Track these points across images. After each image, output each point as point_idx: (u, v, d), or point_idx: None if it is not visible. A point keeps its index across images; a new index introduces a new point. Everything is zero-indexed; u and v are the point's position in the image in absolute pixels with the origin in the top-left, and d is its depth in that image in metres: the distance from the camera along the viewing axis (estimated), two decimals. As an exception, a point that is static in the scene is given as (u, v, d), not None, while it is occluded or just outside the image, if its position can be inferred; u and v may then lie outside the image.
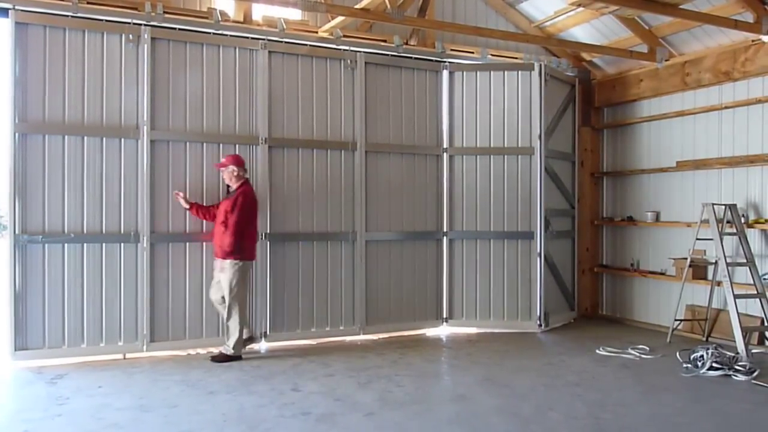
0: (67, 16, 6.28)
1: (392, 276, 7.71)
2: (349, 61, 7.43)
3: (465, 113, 8.03)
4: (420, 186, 7.86)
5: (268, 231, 7.02)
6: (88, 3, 6.36)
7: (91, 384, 5.48)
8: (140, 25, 6.50)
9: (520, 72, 8.05)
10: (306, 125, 7.26)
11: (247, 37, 7.01)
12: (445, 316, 7.97)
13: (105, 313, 6.38)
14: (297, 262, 7.19)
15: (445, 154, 7.98)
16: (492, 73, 8.06)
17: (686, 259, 7.42)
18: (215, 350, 6.56)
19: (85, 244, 6.31)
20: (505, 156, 8.10)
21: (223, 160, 6.59)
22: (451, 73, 8.01)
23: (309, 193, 7.27)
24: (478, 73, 8.06)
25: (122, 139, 6.47)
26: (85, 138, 6.34)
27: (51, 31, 6.22)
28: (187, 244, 6.69)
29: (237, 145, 6.90)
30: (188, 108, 6.74)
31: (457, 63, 8.06)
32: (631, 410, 4.92)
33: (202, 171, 6.78)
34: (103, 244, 6.38)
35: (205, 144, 6.79)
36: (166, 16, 6.62)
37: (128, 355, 6.42)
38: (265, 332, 7.01)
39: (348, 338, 7.43)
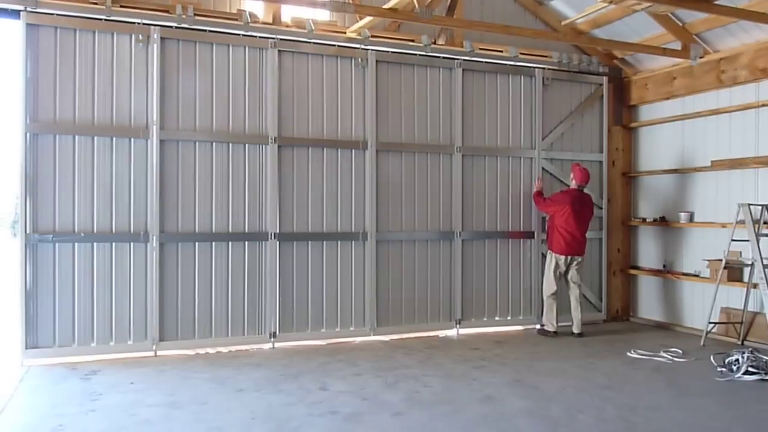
0: (77, 17, 6.32)
1: (404, 277, 7.64)
2: (360, 60, 7.40)
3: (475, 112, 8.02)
4: (433, 185, 7.79)
5: (278, 231, 7.03)
6: (121, 6, 6.44)
7: (124, 380, 5.59)
8: (150, 25, 6.53)
9: (522, 76, 8.21)
10: (316, 124, 7.25)
11: (256, 36, 6.98)
12: (458, 318, 7.82)
13: (115, 312, 6.45)
14: (306, 262, 7.19)
15: (458, 153, 7.87)
16: (498, 75, 8.12)
17: (721, 260, 7.26)
18: (224, 350, 6.69)
19: (95, 244, 6.38)
20: (510, 157, 8.14)
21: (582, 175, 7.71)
22: (464, 72, 7.91)
23: (319, 193, 7.27)
24: (486, 75, 8.06)
25: (132, 139, 6.54)
26: (96, 138, 6.42)
27: (62, 33, 6.29)
28: (197, 243, 6.73)
29: (246, 145, 6.95)
30: (198, 107, 6.79)
31: (470, 61, 7.94)
32: (663, 414, 4.83)
33: (211, 170, 6.82)
34: (113, 244, 6.44)
35: (214, 143, 6.83)
36: (197, 18, 6.68)
37: (137, 355, 6.42)
38: (275, 332, 7.01)
39: (358, 339, 7.38)
